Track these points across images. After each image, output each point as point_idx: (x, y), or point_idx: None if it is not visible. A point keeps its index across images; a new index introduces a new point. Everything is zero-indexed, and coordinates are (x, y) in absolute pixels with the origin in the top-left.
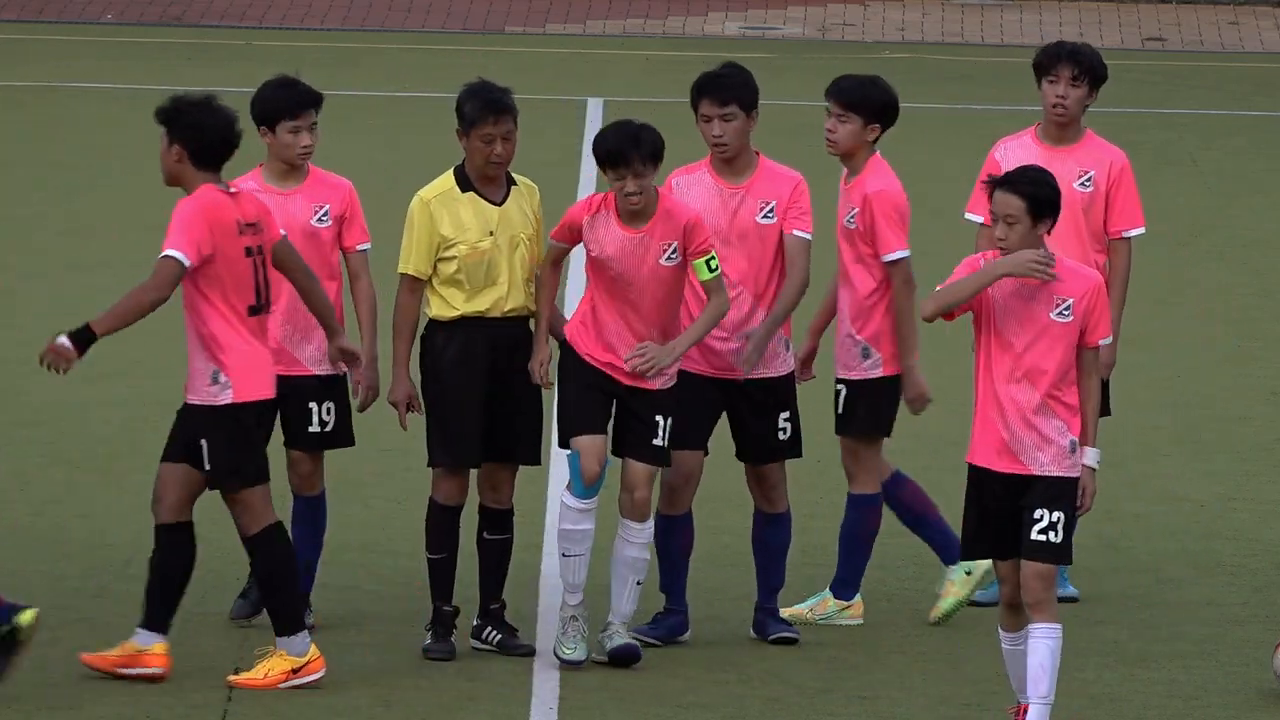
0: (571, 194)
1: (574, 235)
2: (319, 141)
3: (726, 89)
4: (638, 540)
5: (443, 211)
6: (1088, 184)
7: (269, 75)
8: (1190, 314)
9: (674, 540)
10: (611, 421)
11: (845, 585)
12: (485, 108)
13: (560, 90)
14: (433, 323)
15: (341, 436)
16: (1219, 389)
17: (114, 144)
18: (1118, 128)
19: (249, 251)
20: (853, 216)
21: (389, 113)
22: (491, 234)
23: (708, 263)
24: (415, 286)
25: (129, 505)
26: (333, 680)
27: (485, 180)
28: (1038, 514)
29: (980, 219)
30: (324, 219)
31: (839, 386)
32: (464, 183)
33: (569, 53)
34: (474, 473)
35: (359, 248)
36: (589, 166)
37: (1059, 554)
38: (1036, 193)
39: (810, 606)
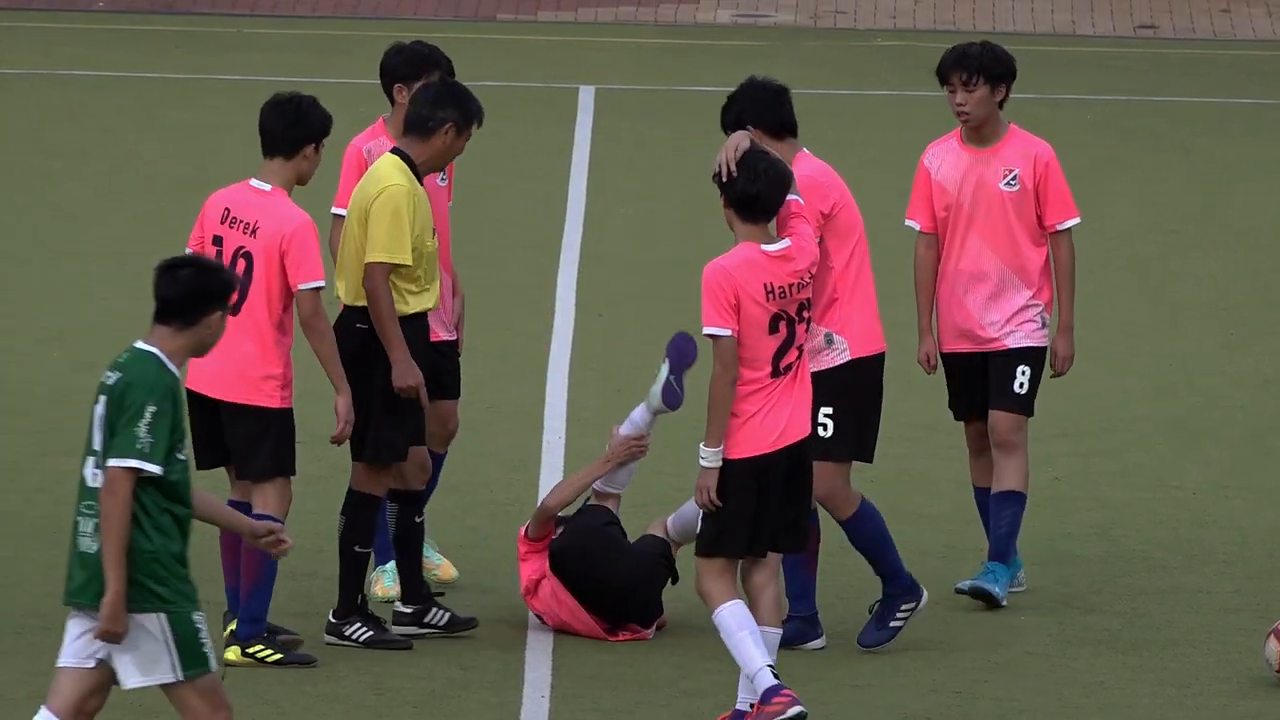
0: (563, 182)
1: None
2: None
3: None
4: None
5: (418, 202)
6: (1014, 183)
7: (259, 63)
8: (1182, 302)
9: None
10: None
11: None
12: (481, 113)
13: (552, 78)
14: None
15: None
16: (1211, 377)
17: (104, 131)
18: (1109, 115)
19: None
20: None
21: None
22: (434, 231)
23: None
24: (389, 275)
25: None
26: (325, 668)
27: (425, 175)
28: None
29: (918, 225)
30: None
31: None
32: (415, 174)
33: (560, 40)
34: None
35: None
36: (581, 154)
37: None
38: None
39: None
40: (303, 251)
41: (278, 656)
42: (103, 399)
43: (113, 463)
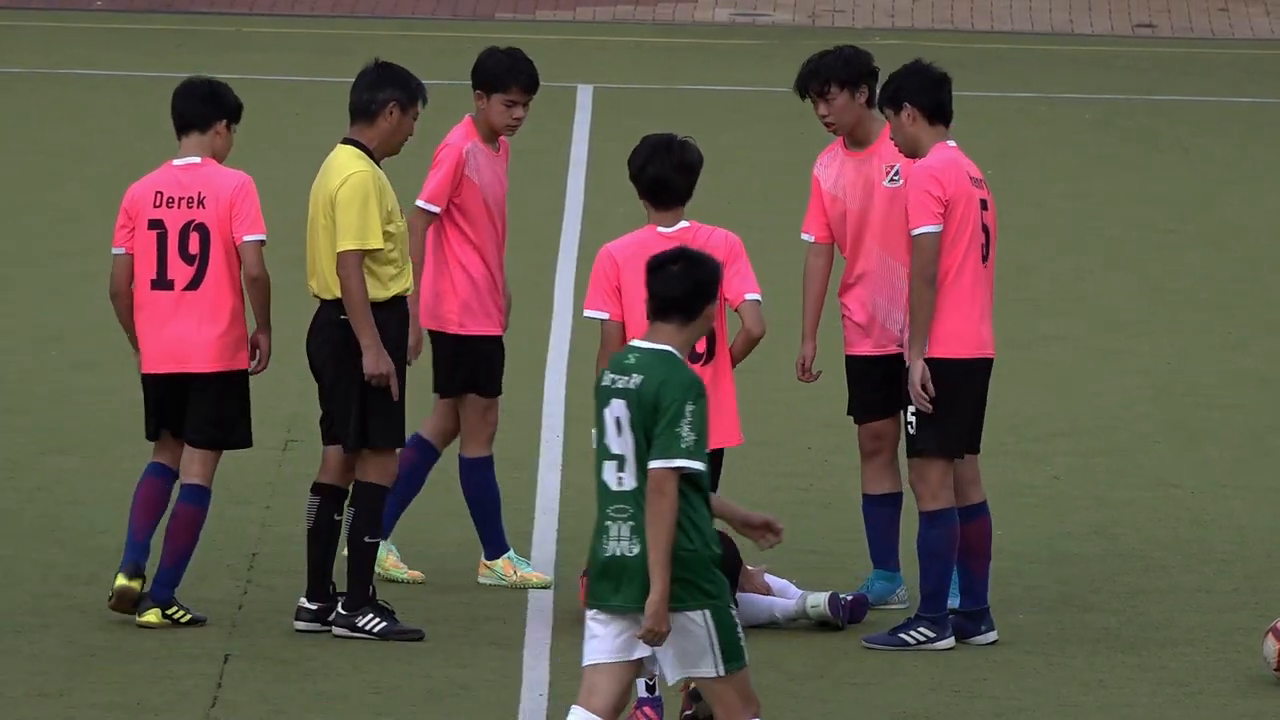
0: (560, 181)
1: None
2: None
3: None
4: None
5: (383, 186)
6: (897, 178)
7: (258, 62)
8: (1181, 302)
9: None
10: None
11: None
12: (423, 90)
13: (550, 77)
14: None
15: None
16: (1210, 376)
17: (103, 131)
18: (1108, 114)
19: None
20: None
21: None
22: (401, 212)
23: None
24: (362, 261)
25: (119, 492)
26: (323, 667)
27: (381, 160)
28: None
29: (812, 238)
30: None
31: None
32: (375, 161)
33: (559, 39)
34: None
35: None
36: (579, 153)
37: None
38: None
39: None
40: (245, 207)
41: (190, 617)
42: (619, 402)
43: (659, 464)
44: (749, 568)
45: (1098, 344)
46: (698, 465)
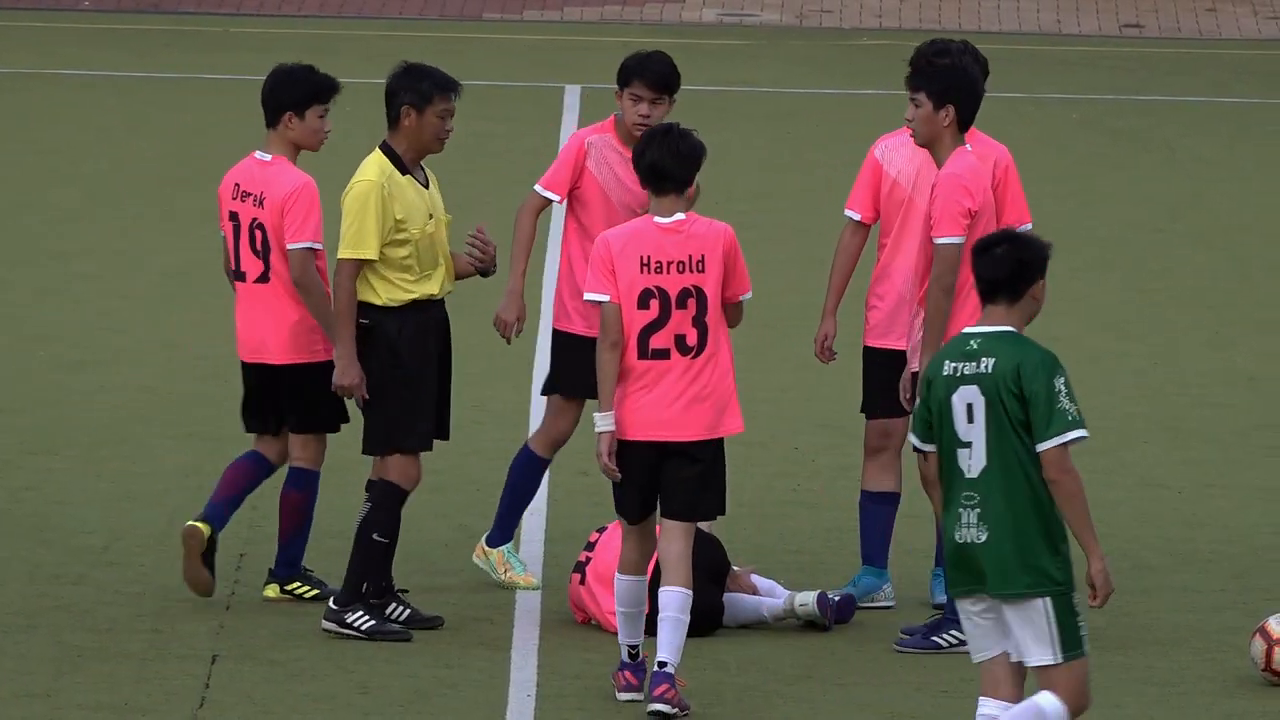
0: None
1: None
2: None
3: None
4: None
5: (394, 194)
6: None
7: (247, 62)
8: (1169, 301)
9: None
10: None
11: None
12: (446, 84)
13: (538, 77)
14: (379, 309)
15: None
16: (1198, 375)
17: (94, 131)
18: (1095, 115)
19: None
20: None
21: (366, 99)
22: (431, 216)
23: None
24: (357, 271)
25: (108, 493)
26: (311, 667)
27: (416, 161)
28: None
29: (859, 216)
30: None
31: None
32: (400, 165)
33: (547, 39)
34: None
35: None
36: None
37: None
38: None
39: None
40: (296, 212)
41: (314, 592)
42: (969, 388)
43: (1052, 443)
44: (735, 568)
45: (1086, 343)
46: (1084, 432)
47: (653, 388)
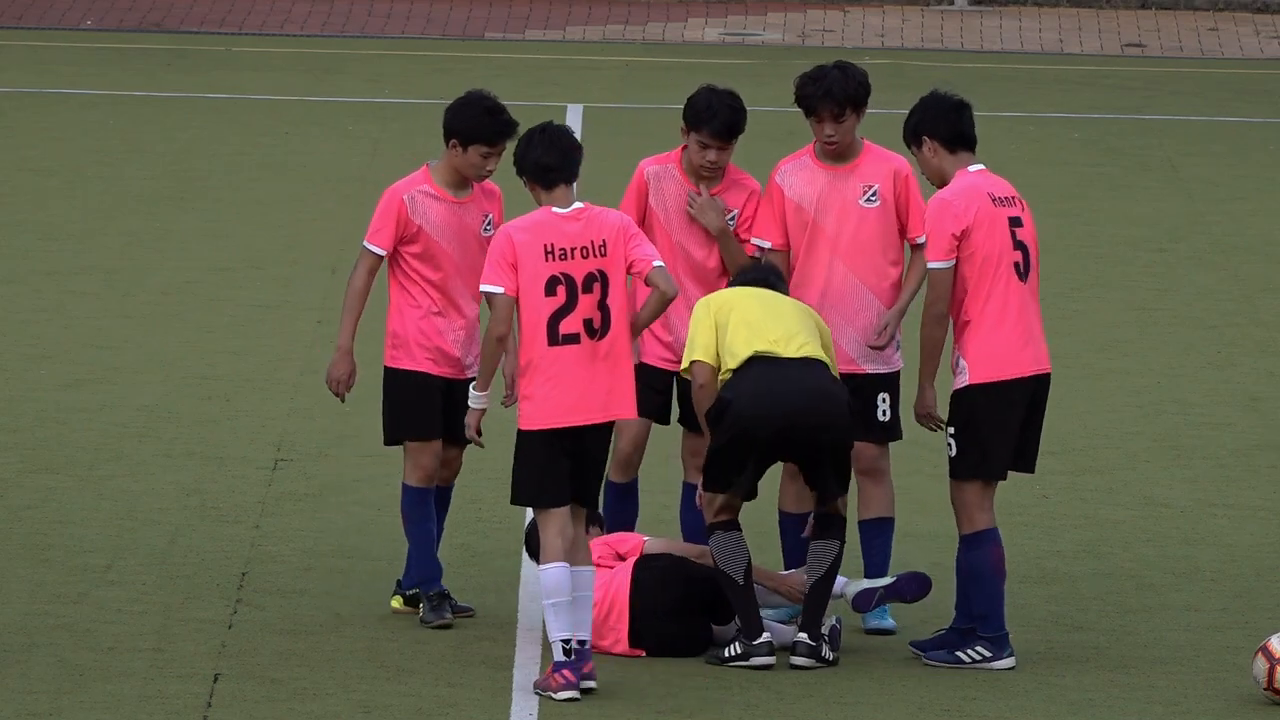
0: None
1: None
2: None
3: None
4: None
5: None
6: (874, 199)
7: (248, 82)
8: (1169, 320)
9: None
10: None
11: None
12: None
13: (539, 96)
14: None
15: None
16: (1198, 395)
17: (93, 150)
18: (1097, 134)
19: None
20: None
21: (368, 118)
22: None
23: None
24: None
25: (109, 511)
26: (313, 686)
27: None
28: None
29: (769, 244)
30: (488, 228)
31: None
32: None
33: (548, 59)
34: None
35: None
36: None
37: None
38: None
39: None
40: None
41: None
42: None
43: None
44: (781, 573)
45: (1087, 363)
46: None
47: (563, 375)
